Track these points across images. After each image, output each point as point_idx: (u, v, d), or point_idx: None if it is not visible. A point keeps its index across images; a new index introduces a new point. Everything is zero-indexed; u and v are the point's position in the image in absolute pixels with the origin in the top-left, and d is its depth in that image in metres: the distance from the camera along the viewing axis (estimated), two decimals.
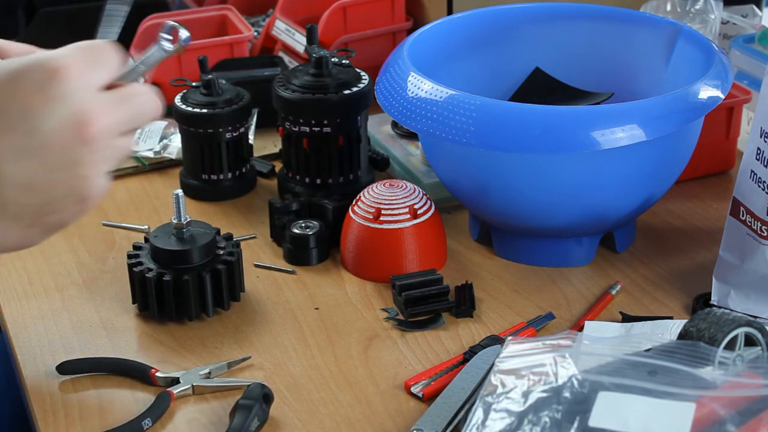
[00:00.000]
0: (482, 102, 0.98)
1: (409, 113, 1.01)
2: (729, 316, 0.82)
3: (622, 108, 0.98)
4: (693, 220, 1.15)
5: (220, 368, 0.92)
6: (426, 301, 0.99)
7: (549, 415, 0.76)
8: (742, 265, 0.97)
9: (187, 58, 1.39)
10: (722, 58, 1.05)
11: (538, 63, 1.20)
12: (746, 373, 0.76)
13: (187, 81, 1.19)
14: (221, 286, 0.99)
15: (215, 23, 1.51)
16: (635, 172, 1.01)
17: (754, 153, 0.96)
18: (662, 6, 1.32)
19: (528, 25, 1.20)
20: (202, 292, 0.98)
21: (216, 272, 0.98)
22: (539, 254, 1.07)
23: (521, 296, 1.02)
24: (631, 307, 1.00)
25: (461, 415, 0.85)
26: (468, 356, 0.92)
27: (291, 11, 1.52)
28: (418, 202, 1.05)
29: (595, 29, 1.19)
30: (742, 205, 0.98)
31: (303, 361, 0.94)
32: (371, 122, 1.22)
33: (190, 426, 0.87)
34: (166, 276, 0.97)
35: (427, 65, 1.07)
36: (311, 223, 1.09)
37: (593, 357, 0.81)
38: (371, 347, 0.96)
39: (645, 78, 1.16)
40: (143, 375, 0.92)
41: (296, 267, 1.08)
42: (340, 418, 0.87)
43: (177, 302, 0.98)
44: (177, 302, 0.98)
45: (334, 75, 1.11)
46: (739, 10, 1.37)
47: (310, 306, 1.02)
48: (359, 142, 1.13)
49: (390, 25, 1.48)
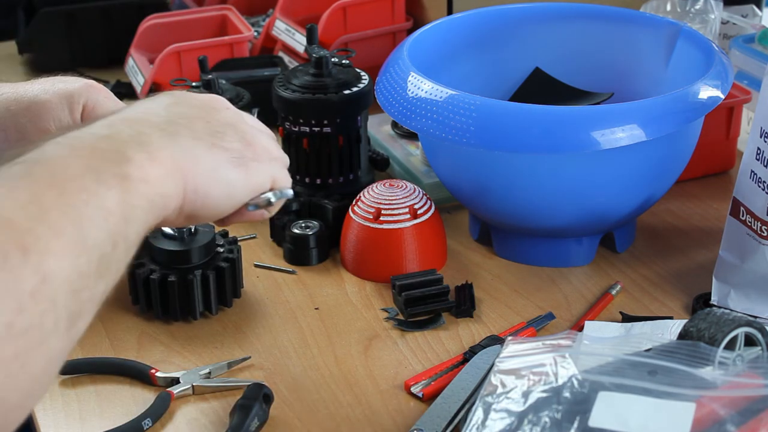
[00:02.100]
0: (482, 102, 0.98)
1: (409, 113, 1.01)
2: (729, 316, 0.82)
3: (622, 108, 0.98)
4: (693, 220, 1.15)
5: (220, 368, 0.92)
6: (426, 301, 0.99)
7: (549, 415, 0.76)
8: (742, 265, 0.97)
9: (187, 58, 1.39)
10: (722, 58, 1.05)
11: (538, 63, 1.20)
12: (746, 373, 0.76)
13: (187, 81, 1.19)
14: (224, 284, 0.99)
15: (215, 23, 1.51)
16: (635, 172, 1.01)
17: (754, 153, 0.96)
18: (662, 6, 1.32)
19: (528, 25, 1.20)
20: (205, 290, 0.98)
21: (219, 270, 0.98)
22: (539, 254, 1.07)
23: (521, 296, 1.02)
24: (631, 307, 1.00)
25: (461, 415, 0.85)
26: (468, 356, 0.92)
27: (291, 11, 1.52)
28: (418, 202, 1.05)
29: (595, 29, 1.19)
30: (742, 205, 0.98)
31: (303, 361, 0.94)
32: (371, 122, 1.22)
33: (190, 426, 0.87)
34: (170, 277, 0.97)
35: (427, 65, 1.07)
36: (311, 223, 1.09)
37: (593, 357, 0.81)
38: (371, 347, 0.96)
39: (645, 78, 1.16)
40: (143, 375, 0.92)
41: (296, 267, 1.08)
42: (340, 418, 0.87)
43: (181, 302, 0.98)
44: (181, 302, 0.98)
45: (334, 75, 1.11)
46: (739, 10, 1.37)
47: (310, 306, 1.02)
48: (359, 142, 1.13)
49: (390, 25, 1.48)
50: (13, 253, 0.53)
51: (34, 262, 0.54)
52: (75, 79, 0.90)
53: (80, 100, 0.88)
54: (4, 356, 0.52)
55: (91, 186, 0.60)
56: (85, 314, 0.58)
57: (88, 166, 0.61)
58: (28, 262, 0.53)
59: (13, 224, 0.54)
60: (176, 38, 1.43)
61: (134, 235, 0.63)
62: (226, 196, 0.72)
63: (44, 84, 0.89)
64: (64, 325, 0.56)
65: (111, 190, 0.61)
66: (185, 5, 1.66)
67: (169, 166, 0.66)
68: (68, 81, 0.89)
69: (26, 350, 0.53)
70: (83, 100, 0.88)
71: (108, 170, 0.62)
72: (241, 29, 1.45)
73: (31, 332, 0.53)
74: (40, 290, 0.54)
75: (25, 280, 0.53)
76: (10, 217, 0.55)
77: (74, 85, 0.89)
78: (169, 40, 1.42)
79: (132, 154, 0.63)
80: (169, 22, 1.50)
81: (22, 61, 1.64)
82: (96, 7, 1.59)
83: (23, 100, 0.88)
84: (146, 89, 1.42)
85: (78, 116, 0.88)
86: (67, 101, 0.88)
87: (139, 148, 0.64)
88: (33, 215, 0.56)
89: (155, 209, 0.65)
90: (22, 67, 1.63)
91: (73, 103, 0.88)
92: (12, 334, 0.52)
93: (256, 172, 0.75)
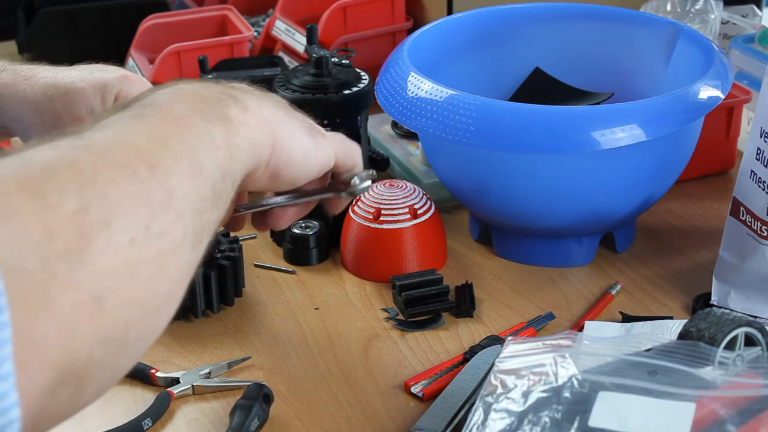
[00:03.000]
0: (482, 102, 0.98)
1: (409, 113, 1.01)
2: (729, 316, 0.81)
3: (622, 108, 0.98)
4: (693, 220, 1.15)
5: (220, 368, 0.92)
6: (426, 301, 0.99)
7: (549, 415, 0.76)
8: (742, 265, 0.97)
9: (187, 58, 1.39)
10: (722, 58, 1.05)
11: (538, 63, 1.20)
12: (746, 373, 0.76)
13: None
14: (226, 283, 1.00)
15: (215, 23, 1.51)
16: (635, 172, 1.01)
17: (754, 153, 0.96)
18: (662, 6, 1.32)
19: (528, 25, 1.20)
20: (207, 289, 0.98)
21: (221, 268, 0.99)
22: (539, 254, 1.07)
23: (521, 296, 1.02)
24: (631, 307, 1.00)
25: (461, 415, 0.85)
26: (468, 356, 0.92)
27: (291, 11, 1.52)
28: (418, 202, 1.05)
29: (595, 29, 1.19)
30: (742, 205, 0.98)
31: (303, 361, 0.94)
32: (371, 122, 1.22)
33: (190, 426, 0.87)
34: None
35: (427, 65, 1.07)
36: (311, 223, 1.09)
37: (593, 357, 0.81)
38: (371, 347, 0.96)
39: (645, 78, 1.16)
40: (143, 375, 0.92)
41: (296, 267, 1.08)
42: (340, 418, 0.87)
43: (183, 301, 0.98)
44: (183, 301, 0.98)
45: (334, 75, 1.11)
46: (739, 10, 1.37)
47: (310, 306, 1.02)
48: (359, 142, 1.13)
49: (390, 25, 1.48)
50: (141, 168, 0.57)
51: (160, 178, 0.58)
52: (113, 69, 0.93)
53: (113, 90, 0.91)
54: (146, 257, 0.55)
55: (198, 123, 0.64)
56: (205, 237, 0.63)
57: (194, 107, 0.65)
58: (155, 176, 0.58)
59: (137, 146, 0.58)
60: (176, 38, 1.43)
61: (238, 173, 0.67)
62: (304, 160, 0.76)
63: (82, 72, 0.92)
64: (191, 241, 0.60)
65: (217, 128, 0.65)
66: (185, 5, 1.66)
67: (260, 118, 0.70)
68: (106, 70, 0.92)
69: (163, 254, 0.57)
70: (116, 90, 0.91)
71: (212, 112, 0.66)
72: (241, 29, 1.45)
73: (165, 238, 0.57)
74: (168, 202, 0.58)
75: (155, 191, 0.57)
76: (133, 141, 0.59)
77: (110, 75, 0.92)
78: (169, 40, 1.42)
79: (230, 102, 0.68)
80: (169, 22, 1.50)
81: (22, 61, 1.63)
82: (96, 7, 1.59)
83: (60, 85, 0.91)
84: None
85: (109, 106, 0.91)
86: (100, 91, 0.91)
87: (234, 100, 0.69)
88: (153, 141, 0.60)
89: (252, 154, 0.69)
90: None
91: (106, 93, 0.91)
92: (150, 237, 0.56)
93: (324, 145, 0.79)
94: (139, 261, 0.55)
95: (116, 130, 0.60)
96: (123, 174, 0.56)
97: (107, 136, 0.59)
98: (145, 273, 0.56)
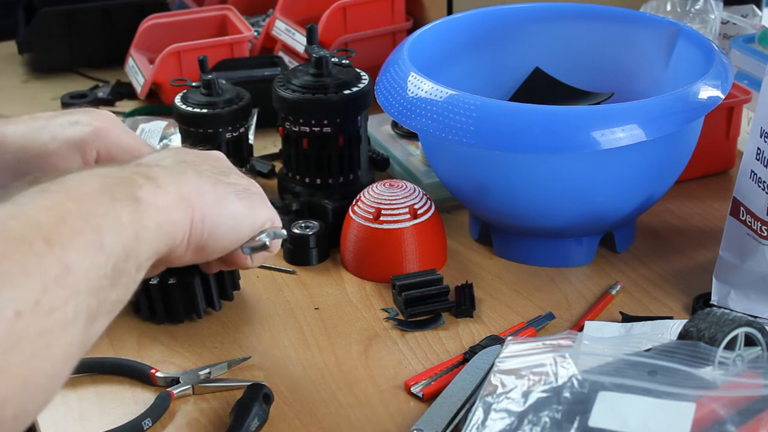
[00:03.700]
0: (482, 102, 0.98)
1: (409, 113, 1.01)
2: (729, 316, 0.82)
3: (622, 108, 0.98)
4: (693, 220, 1.15)
5: (220, 368, 0.92)
6: (426, 301, 0.99)
7: (549, 415, 0.76)
8: (742, 265, 0.97)
9: (187, 58, 1.39)
10: (722, 58, 1.05)
11: (538, 63, 1.20)
12: (746, 373, 0.76)
13: (187, 81, 1.19)
14: (223, 278, 1.00)
15: (215, 23, 1.51)
16: (635, 172, 1.01)
17: (754, 153, 0.96)
18: (662, 6, 1.32)
19: (528, 25, 1.20)
20: (206, 288, 0.98)
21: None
22: (539, 254, 1.07)
23: (521, 296, 1.02)
24: (631, 307, 1.00)
25: (461, 415, 0.85)
26: (468, 356, 0.92)
27: (291, 11, 1.52)
28: (418, 202, 1.05)
29: (595, 29, 1.19)
30: (742, 205, 0.98)
31: (303, 361, 0.94)
32: (371, 122, 1.22)
33: (190, 426, 0.87)
34: (170, 280, 0.97)
35: (427, 65, 1.07)
36: (311, 223, 1.09)
37: (593, 357, 0.81)
38: (371, 347, 0.96)
39: (645, 78, 1.16)
40: (143, 375, 0.92)
41: (296, 267, 1.08)
42: (340, 418, 0.87)
43: (184, 302, 0.98)
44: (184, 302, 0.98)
45: (334, 75, 1.11)
46: (739, 10, 1.37)
47: (310, 306, 1.02)
48: (359, 142, 1.13)
49: (390, 25, 1.48)
50: (38, 243, 0.57)
51: (58, 253, 0.57)
52: (86, 121, 0.88)
53: (92, 146, 0.88)
54: (31, 333, 0.54)
55: (106, 201, 0.64)
56: (101, 317, 0.61)
57: (103, 186, 0.65)
58: (52, 252, 0.57)
59: (37, 221, 0.58)
60: (176, 38, 1.43)
61: (144, 255, 0.66)
62: (232, 227, 0.76)
63: (55, 128, 0.87)
64: (83, 320, 0.59)
65: (125, 208, 0.65)
66: (185, 5, 1.66)
67: (174, 196, 0.70)
68: (78, 123, 0.88)
69: (51, 331, 0.56)
70: (96, 146, 0.88)
71: (121, 192, 0.66)
72: (241, 29, 1.45)
73: (55, 315, 0.56)
74: (63, 278, 0.57)
75: (50, 266, 0.57)
76: (34, 215, 0.58)
77: (84, 131, 0.87)
78: (169, 40, 1.42)
79: (142, 182, 0.68)
80: (169, 22, 1.50)
81: (22, 61, 1.64)
82: (96, 7, 1.59)
83: (33, 148, 0.87)
84: (146, 89, 1.42)
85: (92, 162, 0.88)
86: (78, 149, 0.87)
87: (148, 180, 0.68)
88: (54, 216, 0.59)
89: (164, 235, 0.69)
90: (22, 67, 1.63)
91: (86, 150, 0.87)
92: (38, 312, 0.55)
93: (260, 206, 0.79)
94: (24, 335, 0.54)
95: (18, 205, 0.59)
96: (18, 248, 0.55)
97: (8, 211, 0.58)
98: (28, 348, 0.54)
